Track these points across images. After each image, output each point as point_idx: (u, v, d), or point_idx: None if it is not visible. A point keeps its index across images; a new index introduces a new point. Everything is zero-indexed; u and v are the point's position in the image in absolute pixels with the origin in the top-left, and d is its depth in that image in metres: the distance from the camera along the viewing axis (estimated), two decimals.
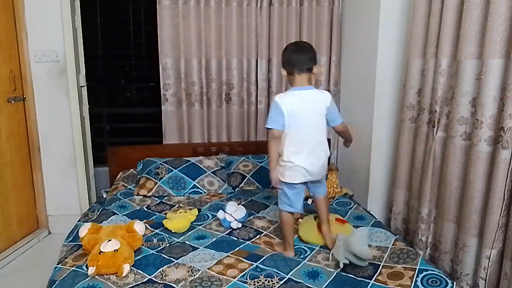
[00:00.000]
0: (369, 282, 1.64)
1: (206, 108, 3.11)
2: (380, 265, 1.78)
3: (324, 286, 1.62)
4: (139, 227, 1.89)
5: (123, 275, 1.64)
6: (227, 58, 3.08)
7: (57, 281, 1.64)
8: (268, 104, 3.19)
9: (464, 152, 2.04)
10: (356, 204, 2.46)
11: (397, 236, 2.06)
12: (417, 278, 1.65)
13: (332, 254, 1.80)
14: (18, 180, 2.71)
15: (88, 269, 1.65)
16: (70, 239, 2.13)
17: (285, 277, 1.68)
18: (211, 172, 2.75)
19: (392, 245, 1.95)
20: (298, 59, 1.84)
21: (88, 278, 1.63)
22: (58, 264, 1.79)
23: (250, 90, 3.16)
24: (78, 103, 2.86)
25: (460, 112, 2.04)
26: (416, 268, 1.71)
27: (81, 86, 2.98)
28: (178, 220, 2.07)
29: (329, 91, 3.25)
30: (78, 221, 2.40)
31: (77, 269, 1.70)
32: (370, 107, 2.69)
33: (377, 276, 1.69)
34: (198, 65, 3.05)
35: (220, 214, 2.16)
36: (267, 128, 1.84)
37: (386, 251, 1.89)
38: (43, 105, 2.81)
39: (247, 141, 3.21)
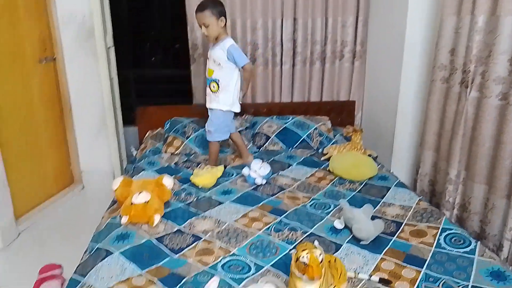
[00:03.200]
0: (391, 239, 1.67)
1: None
2: (402, 223, 1.80)
3: (346, 241, 1.66)
4: (168, 181, 1.96)
5: (154, 224, 1.74)
6: (252, 18, 3.04)
7: (95, 234, 1.76)
8: (293, 65, 3.16)
9: (499, 113, 1.98)
10: (379, 165, 2.46)
11: (421, 197, 2.06)
12: (440, 237, 1.66)
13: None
14: (52, 138, 2.84)
15: (121, 218, 1.75)
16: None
17: (308, 231, 1.73)
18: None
19: (416, 204, 1.96)
20: None
21: (122, 227, 1.73)
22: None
23: (275, 51, 3.12)
24: (106, 64, 2.91)
25: (497, 71, 1.96)
26: (439, 227, 1.73)
27: (109, 47, 3.02)
28: (205, 176, 2.14)
29: (354, 51, 3.18)
30: None
31: (111, 220, 1.81)
32: (398, 67, 2.62)
33: (399, 233, 1.71)
34: None
35: (245, 171, 2.21)
36: (248, 62, 2.25)
37: (410, 210, 1.90)
38: (72, 67, 2.88)
39: (271, 102, 3.21)
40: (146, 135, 2.97)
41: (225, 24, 2.22)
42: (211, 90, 2.32)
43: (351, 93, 3.28)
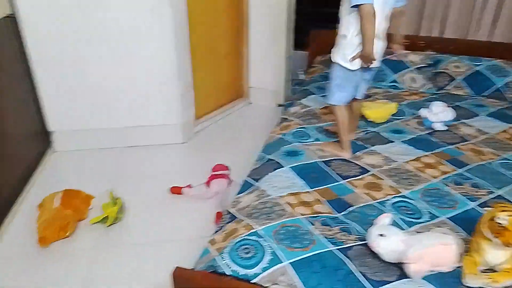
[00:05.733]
0: None
1: None
2: None
3: None
4: None
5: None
6: None
7: (266, 145, 1.86)
8: None
9: None
10: None
11: None
12: None
13: None
14: (229, 50, 3.00)
15: None
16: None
17: (495, 193, 1.50)
18: (415, 68, 2.51)
19: None
20: None
21: (291, 144, 1.77)
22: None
23: None
24: None
25: None
26: None
27: None
28: (378, 110, 2.01)
29: None
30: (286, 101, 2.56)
31: (282, 136, 1.87)
32: None
33: None
34: None
35: (423, 112, 2.00)
36: (357, 5, 1.53)
37: None
38: None
39: (463, 39, 2.74)
40: (315, 59, 2.91)
41: None
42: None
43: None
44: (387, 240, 1.15)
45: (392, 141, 1.88)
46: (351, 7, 1.55)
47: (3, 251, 1.70)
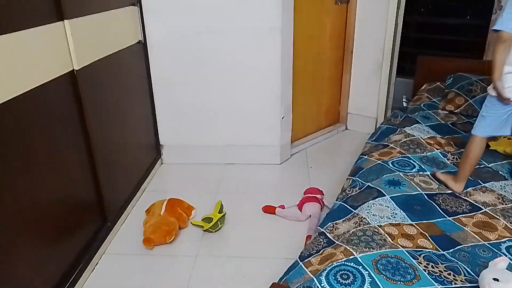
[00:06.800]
0: None
1: None
2: None
3: None
4: None
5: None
6: None
7: (364, 168, 1.82)
8: None
9: None
10: None
11: None
12: None
13: None
14: (331, 77, 3.04)
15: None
16: (373, 138, 2.25)
17: None
18: None
19: None
20: None
21: (394, 173, 1.71)
22: (363, 155, 1.98)
23: None
24: (396, 8, 2.80)
25: None
26: None
27: None
28: (504, 142, 1.85)
29: None
30: (382, 123, 2.51)
31: (383, 163, 1.82)
32: None
33: None
34: None
35: None
36: (494, 30, 1.48)
37: None
38: (363, 8, 2.90)
39: None
40: (422, 88, 2.78)
41: None
42: None
43: None
44: (503, 285, 1.04)
45: (506, 179, 1.70)
46: (492, 30, 1.52)
47: (114, 247, 1.90)
